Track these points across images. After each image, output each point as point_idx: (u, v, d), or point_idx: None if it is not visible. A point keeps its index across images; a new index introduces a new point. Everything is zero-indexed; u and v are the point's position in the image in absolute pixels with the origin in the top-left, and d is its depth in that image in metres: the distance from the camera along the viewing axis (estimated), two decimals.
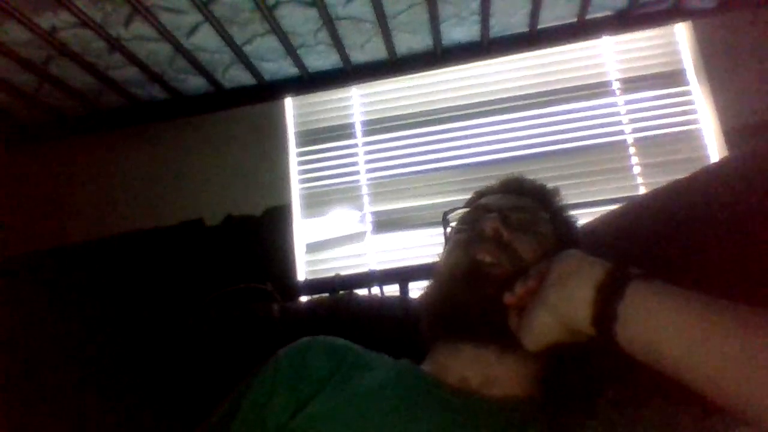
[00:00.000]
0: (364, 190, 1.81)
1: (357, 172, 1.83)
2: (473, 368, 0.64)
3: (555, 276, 0.54)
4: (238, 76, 1.78)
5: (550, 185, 0.81)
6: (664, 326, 0.45)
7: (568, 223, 0.76)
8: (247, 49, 1.63)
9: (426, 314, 0.69)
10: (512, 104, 1.78)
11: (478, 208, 0.73)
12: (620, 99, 1.74)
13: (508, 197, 0.76)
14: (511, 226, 0.66)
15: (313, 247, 1.79)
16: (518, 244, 0.65)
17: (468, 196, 0.85)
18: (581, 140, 1.72)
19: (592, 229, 0.89)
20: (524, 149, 1.75)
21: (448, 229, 0.77)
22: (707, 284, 0.47)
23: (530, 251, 0.65)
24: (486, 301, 0.61)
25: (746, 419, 0.40)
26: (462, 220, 0.76)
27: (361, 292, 1.27)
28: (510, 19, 1.64)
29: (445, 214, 0.78)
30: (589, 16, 1.66)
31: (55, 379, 0.96)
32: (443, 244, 0.78)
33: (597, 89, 1.75)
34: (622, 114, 1.73)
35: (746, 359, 0.40)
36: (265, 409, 0.63)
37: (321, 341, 0.72)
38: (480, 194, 0.82)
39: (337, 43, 1.64)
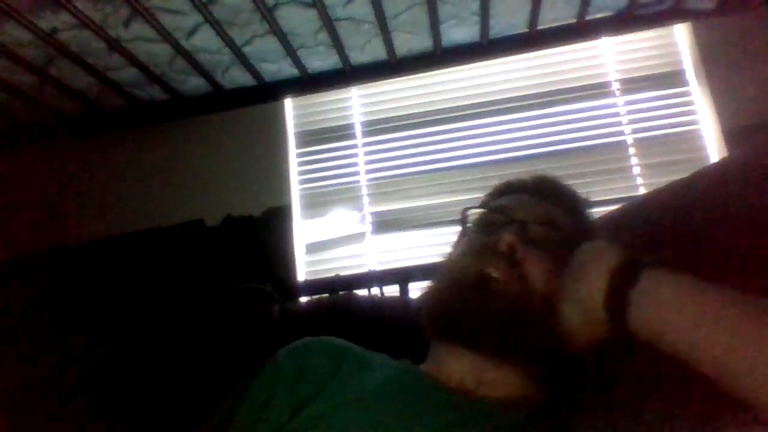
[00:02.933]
0: (364, 191, 1.81)
1: (357, 173, 1.83)
2: (470, 371, 0.64)
3: (575, 265, 0.57)
4: (237, 77, 1.78)
5: (582, 195, 0.76)
6: (676, 312, 0.46)
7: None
8: (247, 50, 1.63)
9: (427, 314, 0.68)
10: (512, 105, 1.79)
11: (499, 211, 0.70)
12: (620, 99, 1.74)
13: (534, 202, 0.71)
14: (528, 241, 0.63)
15: (313, 248, 1.79)
16: (530, 264, 0.62)
17: (467, 197, 0.83)
18: (581, 141, 1.72)
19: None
20: (524, 150, 1.75)
21: (467, 224, 0.74)
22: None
23: (541, 272, 0.62)
24: (487, 315, 0.60)
25: (756, 406, 0.41)
26: (480, 220, 0.73)
27: (361, 292, 1.28)
28: (510, 19, 1.64)
29: (465, 210, 0.75)
30: (588, 17, 1.66)
31: (54, 379, 0.96)
32: (457, 239, 0.76)
33: (597, 90, 1.76)
34: (622, 114, 1.73)
35: (756, 346, 0.41)
36: (265, 410, 0.63)
37: (321, 341, 0.72)
38: (506, 188, 0.78)
39: (337, 43, 1.64)
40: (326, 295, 1.15)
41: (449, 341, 0.66)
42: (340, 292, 1.26)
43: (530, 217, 0.67)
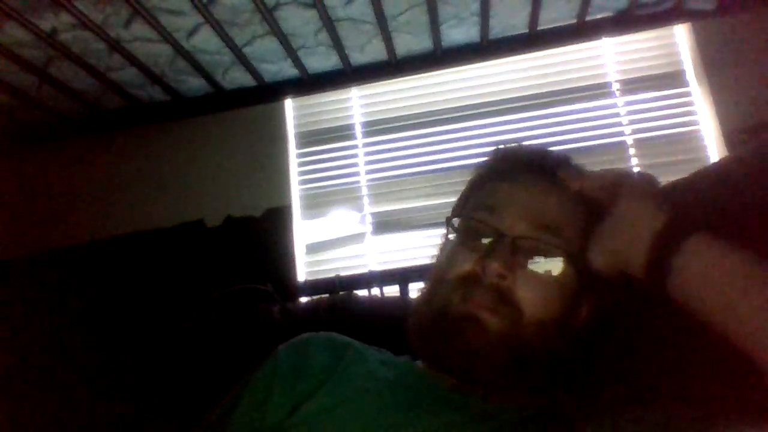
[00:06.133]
0: (364, 191, 1.81)
1: (357, 173, 1.83)
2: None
3: (618, 215, 0.56)
4: (238, 78, 1.78)
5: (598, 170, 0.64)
6: (717, 283, 0.48)
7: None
8: (247, 50, 1.64)
9: (412, 339, 0.65)
10: (512, 105, 1.79)
11: (485, 222, 0.61)
12: (620, 100, 1.74)
13: (528, 196, 0.62)
14: (521, 261, 0.58)
15: (313, 248, 1.79)
16: (521, 290, 0.57)
17: None
18: (581, 141, 1.72)
19: None
20: None
21: (451, 228, 0.66)
22: None
23: (534, 297, 0.57)
24: (473, 355, 0.57)
25: None
26: (465, 226, 0.65)
27: (361, 292, 1.28)
28: (510, 20, 1.65)
29: (449, 218, 0.67)
30: (588, 18, 1.66)
31: (54, 380, 0.96)
32: (442, 244, 0.70)
33: (597, 90, 1.76)
34: (622, 115, 1.73)
35: None
36: (264, 406, 0.62)
37: (321, 337, 0.71)
38: (492, 173, 0.68)
39: (337, 44, 1.64)
40: (326, 295, 1.15)
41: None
42: (340, 293, 1.26)
43: (522, 225, 0.59)
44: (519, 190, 0.63)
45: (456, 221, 0.66)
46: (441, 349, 0.60)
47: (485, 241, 0.60)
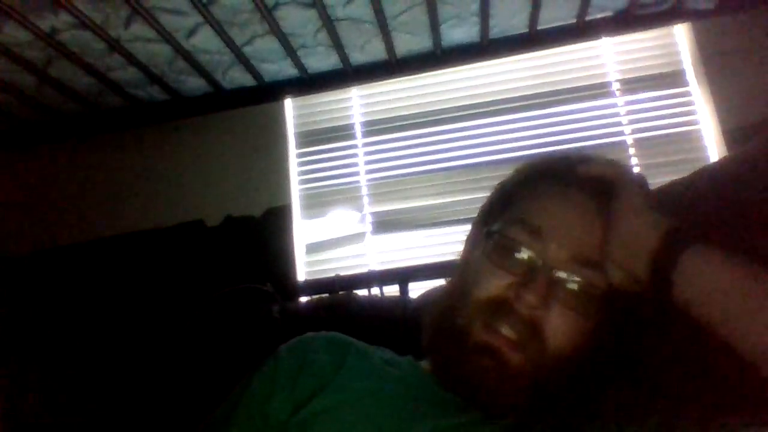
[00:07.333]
0: (364, 191, 1.81)
1: (357, 173, 1.83)
2: None
3: (618, 230, 0.56)
4: (238, 77, 1.78)
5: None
6: (717, 291, 0.49)
7: None
8: (247, 50, 1.63)
9: (427, 346, 0.65)
10: (512, 105, 1.78)
11: (533, 244, 0.58)
12: (620, 100, 1.74)
13: (583, 220, 0.59)
14: (557, 294, 0.56)
15: (313, 248, 1.79)
16: (552, 326, 0.56)
17: (467, 196, 0.75)
18: (581, 141, 1.72)
19: None
20: (524, 150, 1.75)
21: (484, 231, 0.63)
22: None
23: (559, 338, 0.56)
24: (489, 386, 0.56)
25: None
26: (501, 237, 0.60)
27: (361, 292, 1.28)
28: (510, 20, 1.64)
29: (485, 221, 0.65)
30: (588, 17, 1.66)
31: (54, 379, 0.96)
32: (471, 240, 0.69)
33: (597, 90, 1.75)
34: (622, 115, 1.73)
35: None
36: (265, 405, 0.62)
37: (323, 336, 0.71)
38: (549, 174, 0.64)
39: (337, 44, 1.64)
40: (326, 295, 1.15)
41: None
42: (340, 292, 1.26)
43: (566, 256, 0.57)
44: (568, 212, 0.60)
45: (492, 229, 0.62)
46: (455, 374, 0.59)
47: (519, 256, 0.58)
